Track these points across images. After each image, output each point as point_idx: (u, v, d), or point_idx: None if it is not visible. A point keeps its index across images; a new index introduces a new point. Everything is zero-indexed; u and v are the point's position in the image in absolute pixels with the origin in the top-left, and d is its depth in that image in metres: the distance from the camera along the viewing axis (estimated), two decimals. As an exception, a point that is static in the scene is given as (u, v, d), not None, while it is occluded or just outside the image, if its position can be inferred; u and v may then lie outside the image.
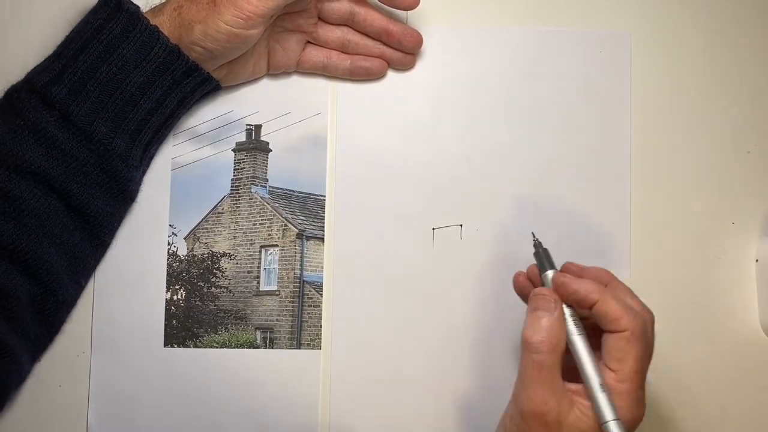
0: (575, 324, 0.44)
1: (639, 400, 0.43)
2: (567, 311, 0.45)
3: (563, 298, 0.45)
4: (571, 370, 0.44)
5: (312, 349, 0.56)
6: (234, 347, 0.56)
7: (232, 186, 0.57)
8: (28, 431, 0.54)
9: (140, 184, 0.55)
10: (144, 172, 0.55)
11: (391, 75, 0.58)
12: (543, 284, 0.47)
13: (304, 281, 0.56)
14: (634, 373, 0.42)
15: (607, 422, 0.41)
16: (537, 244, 0.48)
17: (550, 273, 0.47)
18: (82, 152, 0.49)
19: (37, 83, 0.49)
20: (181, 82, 0.51)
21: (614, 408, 0.42)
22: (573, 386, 0.43)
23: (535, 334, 0.44)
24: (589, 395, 0.42)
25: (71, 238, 0.50)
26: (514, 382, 0.45)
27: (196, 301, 0.56)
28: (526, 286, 0.49)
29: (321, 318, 0.56)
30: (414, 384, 0.56)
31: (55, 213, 0.49)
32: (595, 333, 0.45)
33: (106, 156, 0.50)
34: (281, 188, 0.57)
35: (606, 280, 0.46)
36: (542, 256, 0.48)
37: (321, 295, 0.56)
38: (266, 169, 0.57)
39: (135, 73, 0.50)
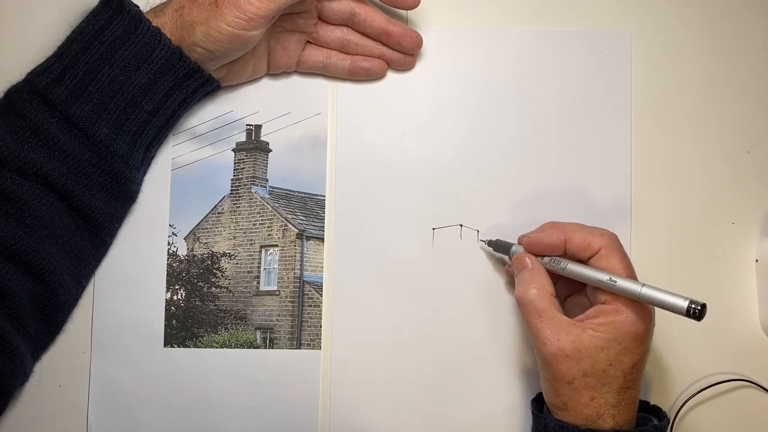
0: (560, 259, 0.50)
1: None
2: (547, 259, 0.51)
3: (537, 254, 0.51)
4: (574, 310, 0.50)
5: (312, 349, 0.56)
6: (234, 347, 0.56)
7: (232, 186, 0.57)
8: (28, 431, 0.54)
9: (141, 185, 0.55)
10: (145, 173, 0.55)
11: (391, 75, 0.58)
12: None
13: (304, 281, 0.56)
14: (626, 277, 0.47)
15: (641, 290, 0.46)
16: (489, 242, 0.55)
17: (515, 247, 0.53)
18: (84, 153, 0.50)
19: (39, 84, 0.49)
20: (183, 83, 0.51)
21: (635, 280, 0.46)
22: (578, 317, 0.48)
23: (521, 288, 0.49)
24: (608, 287, 0.47)
25: (73, 238, 0.51)
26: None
27: (196, 301, 0.56)
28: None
29: (321, 318, 0.56)
30: (414, 384, 0.56)
31: (57, 214, 0.49)
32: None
33: (108, 157, 0.50)
34: (281, 188, 0.57)
35: (561, 227, 0.51)
36: (499, 245, 0.54)
37: (321, 295, 0.56)
38: (266, 169, 0.57)
39: (137, 75, 0.50)
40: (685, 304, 0.44)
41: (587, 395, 0.46)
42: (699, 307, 0.44)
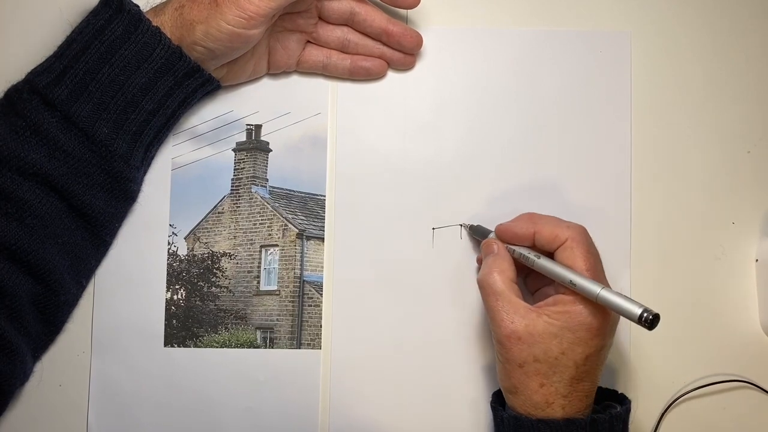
0: (529, 253, 0.50)
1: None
2: (518, 248, 0.51)
3: (507, 242, 0.52)
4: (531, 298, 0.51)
5: (312, 348, 0.56)
6: (234, 347, 0.56)
7: (232, 186, 0.57)
8: (28, 431, 0.54)
9: (141, 185, 0.55)
10: (145, 173, 0.55)
11: (391, 75, 0.58)
12: None
13: (304, 281, 0.56)
14: (585, 271, 0.48)
15: (599, 293, 0.46)
16: (468, 226, 0.56)
17: (490, 237, 0.54)
18: (84, 153, 0.50)
19: (39, 84, 0.49)
20: (183, 83, 0.51)
21: (595, 281, 0.46)
22: (537, 304, 0.49)
23: (483, 271, 0.50)
24: (568, 284, 0.47)
25: (73, 238, 0.51)
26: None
27: (196, 301, 0.56)
28: None
29: (321, 318, 0.56)
30: (414, 384, 0.56)
31: (57, 213, 0.49)
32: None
33: (108, 157, 0.50)
34: (281, 188, 0.57)
35: (531, 217, 0.52)
36: (476, 230, 0.55)
37: (321, 294, 0.56)
38: (266, 169, 0.57)
39: (137, 75, 0.50)
40: (638, 311, 0.44)
41: (537, 381, 0.47)
42: (651, 316, 0.44)
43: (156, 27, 0.50)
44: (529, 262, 0.50)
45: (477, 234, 0.55)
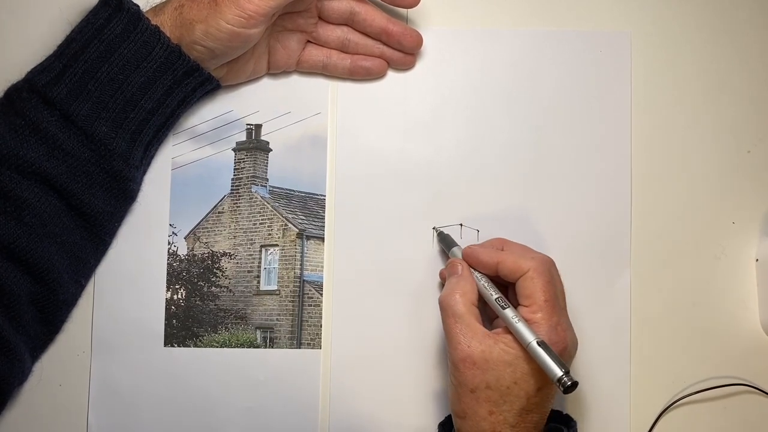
0: (488, 283, 0.51)
1: (555, 325, 0.48)
2: (480, 276, 0.51)
3: (472, 266, 0.52)
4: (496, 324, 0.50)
5: (312, 348, 0.56)
6: (234, 347, 0.56)
7: (232, 186, 0.57)
8: (28, 431, 0.54)
9: (141, 184, 0.55)
10: (144, 172, 0.55)
11: (391, 75, 0.58)
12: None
13: (304, 281, 0.56)
14: (543, 302, 0.48)
15: (529, 343, 0.46)
16: (440, 232, 0.56)
17: (455, 249, 0.53)
18: (83, 152, 0.50)
19: (38, 83, 0.49)
20: (182, 82, 0.51)
21: (533, 332, 0.46)
22: (496, 330, 0.49)
23: (446, 293, 0.50)
24: (510, 328, 0.47)
25: (72, 237, 0.51)
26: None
27: (196, 301, 0.56)
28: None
29: (321, 318, 0.56)
30: (414, 384, 0.56)
31: (56, 212, 0.49)
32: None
33: (107, 156, 0.50)
34: (281, 188, 0.57)
35: (502, 245, 0.52)
36: (445, 238, 0.55)
37: (321, 294, 0.56)
38: (266, 169, 0.57)
39: (136, 73, 0.50)
40: (558, 373, 0.45)
41: (487, 408, 0.47)
42: (569, 382, 0.45)
43: (155, 26, 0.50)
44: (485, 295, 0.50)
45: (444, 243, 0.55)
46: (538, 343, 0.46)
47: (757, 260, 0.57)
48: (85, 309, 0.55)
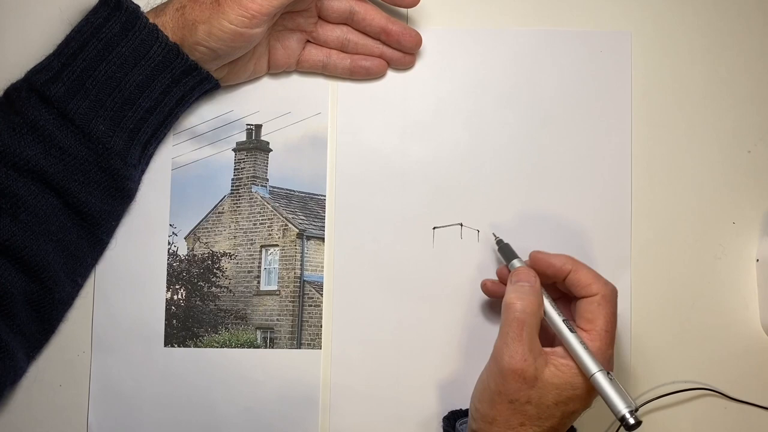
0: (548, 297, 0.50)
1: (609, 358, 0.48)
2: (545, 294, 0.50)
3: (539, 272, 0.50)
4: (546, 338, 0.49)
5: (312, 348, 0.56)
6: (234, 347, 0.56)
7: (232, 186, 0.57)
8: (28, 431, 0.54)
9: (139, 183, 0.55)
10: (143, 171, 0.55)
11: (391, 75, 0.58)
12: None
13: (304, 281, 0.56)
14: (604, 332, 0.47)
15: (594, 374, 0.46)
16: (499, 241, 0.54)
17: (516, 262, 0.52)
18: (81, 150, 0.49)
19: (37, 82, 0.49)
20: (180, 80, 0.51)
21: (598, 362, 0.46)
22: (548, 349, 0.48)
23: (519, 298, 0.49)
24: (572, 353, 0.47)
25: (68, 235, 0.50)
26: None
27: (196, 301, 0.56)
28: (496, 290, 0.54)
29: (321, 318, 0.56)
30: (414, 384, 0.56)
31: (53, 210, 0.49)
32: (565, 307, 0.51)
33: (105, 154, 0.50)
34: (281, 188, 0.57)
35: (573, 260, 0.51)
36: (506, 249, 0.53)
37: (321, 294, 0.56)
38: (266, 169, 0.57)
39: (134, 72, 0.50)
40: (624, 411, 0.45)
41: (519, 420, 0.47)
42: (633, 421, 0.44)
43: (153, 24, 0.50)
44: (551, 313, 0.49)
45: (504, 253, 0.53)
46: (606, 375, 0.46)
47: (757, 260, 0.57)
48: (85, 309, 0.55)
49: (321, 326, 0.56)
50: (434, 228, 0.57)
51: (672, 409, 0.57)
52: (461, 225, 0.57)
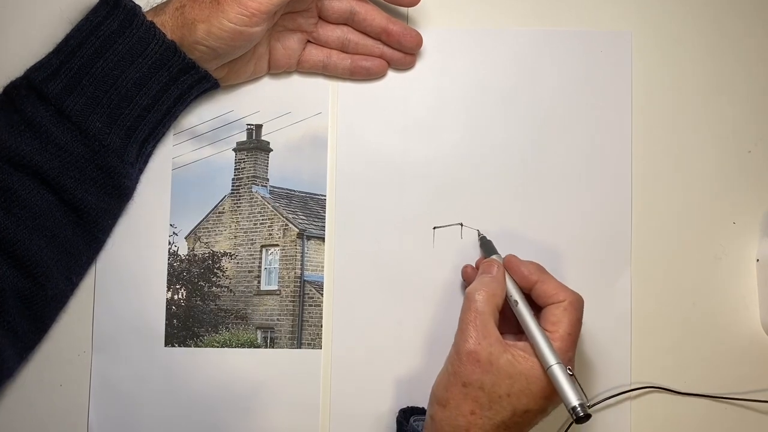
0: (518, 291, 0.51)
1: (569, 360, 0.48)
2: (510, 282, 0.51)
3: (511, 275, 0.52)
4: (515, 333, 0.51)
5: (312, 348, 0.56)
6: (235, 347, 0.56)
7: (232, 186, 0.57)
8: (28, 431, 0.54)
9: (137, 182, 0.55)
10: (141, 170, 0.55)
11: (391, 75, 0.58)
12: None
13: (304, 281, 0.56)
14: (567, 335, 0.48)
15: (551, 365, 0.46)
16: (482, 237, 0.56)
17: (494, 257, 0.53)
18: (77, 147, 0.49)
19: (35, 79, 0.49)
20: (178, 78, 0.51)
21: (557, 356, 0.47)
22: (510, 339, 0.49)
23: (476, 286, 0.50)
24: (532, 342, 0.48)
25: (63, 232, 0.50)
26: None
27: (196, 301, 0.56)
28: (473, 275, 0.54)
29: (321, 318, 0.56)
30: (414, 384, 0.56)
31: (48, 207, 0.49)
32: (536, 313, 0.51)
33: (101, 151, 0.50)
34: (282, 188, 0.57)
35: (542, 270, 0.52)
36: (487, 244, 0.55)
37: (322, 294, 0.56)
38: (267, 169, 0.57)
39: (131, 69, 0.50)
40: (574, 402, 0.45)
41: (470, 407, 0.47)
42: (582, 413, 0.45)
43: (150, 22, 0.50)
44: (511, 302, 0.51)
45: (484, 248, 0.55)
46: (564, 369, 0.46)
47: (757, 260, 0.57)
48: (85, 309, 0.55)
49: (321, 326, 0.56)
50: (434, 228, 0.57)
51: (672, 409, 0.57)
52: (461, 225, 0.57)
